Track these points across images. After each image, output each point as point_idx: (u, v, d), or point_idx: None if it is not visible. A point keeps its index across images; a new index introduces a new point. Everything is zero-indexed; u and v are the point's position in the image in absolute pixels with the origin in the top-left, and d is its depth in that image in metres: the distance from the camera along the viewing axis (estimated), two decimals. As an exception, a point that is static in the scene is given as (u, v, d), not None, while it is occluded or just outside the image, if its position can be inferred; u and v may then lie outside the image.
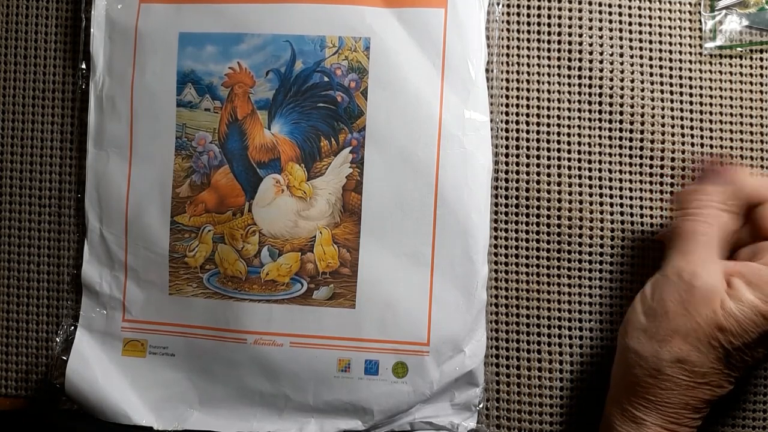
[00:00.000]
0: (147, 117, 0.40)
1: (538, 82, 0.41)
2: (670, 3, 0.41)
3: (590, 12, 0.41)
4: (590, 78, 0.41)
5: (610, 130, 0.41)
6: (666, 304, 0.34)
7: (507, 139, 0.41)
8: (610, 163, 0.41)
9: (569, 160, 0.41)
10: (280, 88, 0.39)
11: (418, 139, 0.39)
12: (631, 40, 0.41)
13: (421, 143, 0.39)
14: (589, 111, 0.41)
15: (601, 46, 0.41)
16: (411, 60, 0.39)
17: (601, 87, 0.41)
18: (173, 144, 0.40)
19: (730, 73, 0.41)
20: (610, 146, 0.41)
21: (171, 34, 0.40)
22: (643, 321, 0.35)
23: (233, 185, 0.40)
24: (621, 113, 0.41)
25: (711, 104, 0.41)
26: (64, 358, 0.40)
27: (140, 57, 0.40)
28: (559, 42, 0.41)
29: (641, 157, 0.41)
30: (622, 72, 0.41)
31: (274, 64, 0.39)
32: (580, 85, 0.41)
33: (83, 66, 0.41)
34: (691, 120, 0.41)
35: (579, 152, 0.41)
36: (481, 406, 0.40)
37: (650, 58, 0.41)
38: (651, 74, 0.41)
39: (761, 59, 0.41)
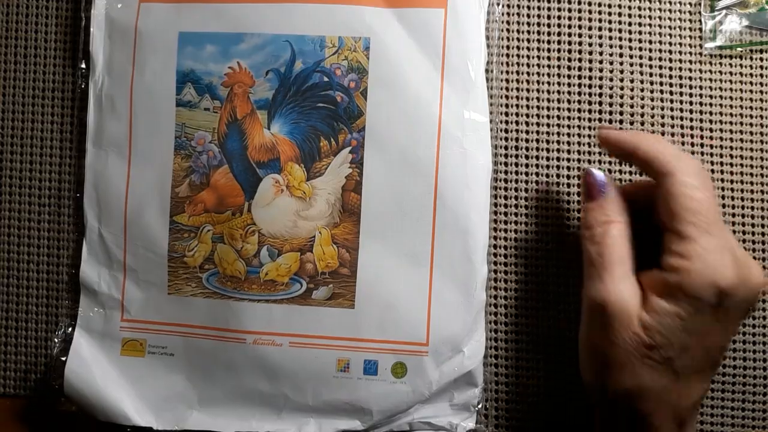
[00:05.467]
0: (146, 116, 0.40)
1: (538, 82, 0.41)
2: (670, 3, 0.41)
3: (590, 12, 0.41)
4: (590, 78, 0.41)
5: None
6: (593, 338, 0.33)
7: (507, 139, 0.41)
8: (610, 163, 0.41)
9: (569, 160, 0.41)
10: (279, 88, 0.39)
11: (418, 140, 0.39)
12: (631, 40, 0.41)
13: (421, 143, 0.39)
14: (589, 111, 0.41)
15: (601, 46, 0.41)
16: (411, 60, 0.39)
17: (601, 87, 0.41)
18: (172, 143, 0.40)
19: (730, 73, 0.41)
20: (610, 146, 0.41)
21: (171, 33, 0.40)
22: (584, 356, 0.34)
23: (233, 185, 0.40)
24: (621, 113, 0.41)
25: (711, 104, 0.41)
26: (63, 358, 0.40)
27: (140, 56, 0.40)
28: (559, 42, 0.41)
29: (641, 157, 0.41)
30: (621, 72, 0.41)
31: (274, 63, 0.39)
32: (580, 85, 0.41)
33: (83, 65, 0.41)
34: (691, 120, 0.41)
35: (579, 152, 0.41)
36: (480, 406, 0.40)
37: (650, 58, 0.41)
38: (651, 74, 0.41)
39: (761, 59, 0.41)
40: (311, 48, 0.39)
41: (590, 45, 0.41)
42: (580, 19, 0.41)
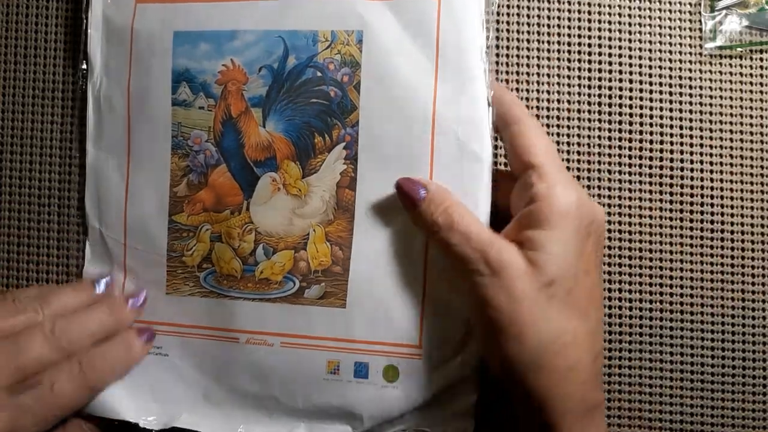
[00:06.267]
0: (143, 117, 0.40)
1: (538, 82, 0.41)
2: (670, 3, 0.41)
3: (590, 12, 0.41)
4: (590, 78, 0.41)
5: (610, 130, 0.41)
6: (493, 308, 0.33)
7: (505, 138, 0.41)
8: (610, 163, 0.41)
9: (569, 161, 0.41)
10: (273, 84, 0.39)
11: (412, 134, 0.38)
12: (631, 40, 0.41)
13: (415, 137, 0.38)
14: (589, 111, 0.41)
15: (600, 46, 0.41)
16: (404, 52, 0.38)
17: (600, 87, 0.41)
18: (170, 143, 0.40)
19: (730, 73, 0.41)
20: (610, 146, 0.41)
21: (166, 33, 0.40)
22: (493, 335, 0.34)
23: (231, 184, 0.39)
24: (620, 113, 0.41)
25: (711, 104, 0.41)
26: None
27: (136, 57, 0.40)
28: (559, 42, 0.41)
29: (641, 157, 0.40)
30: (621, 72, 0.41)
31: (267, 60, 0.39)
32: (579, 85, 0.41)
33: (84, 66, 0.41)
34: (691, 120, 0.41)
35: (579, 152, 0.41)
36: (476, 413, 0.38)
37: (650, 59, 0.41)
38: (651, 74, 0.41)
39: (761, 59, 0.41)
40: (304, 43, 0.39)
41: (590, 45, 0.41)
42: (579, 19, 0.41)
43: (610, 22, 0.41)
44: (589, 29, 0.41)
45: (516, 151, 0.35)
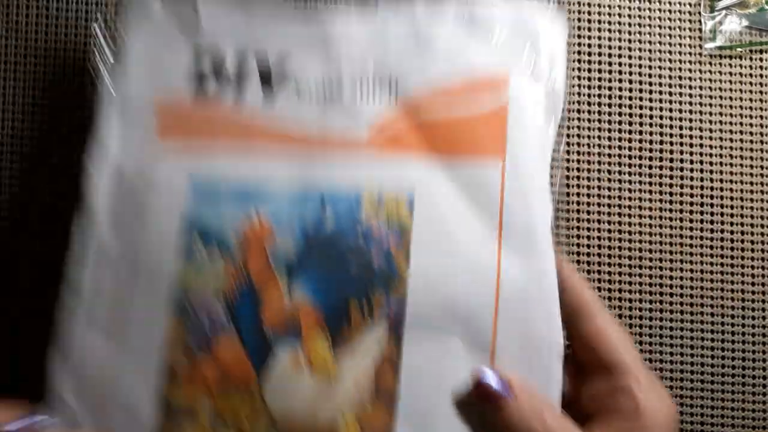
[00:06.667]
0: (140, 270, 0.33)
1: (538, 82, 0.41)
2: (670, 3, 0.41)
3: (590, 12, 0.41)
4: (590, 78, 0.41)
5: (610, 130, 0.41)
6: None
7: (506, 139, 0.41)
8: (610, 163, 0.41)
9: (569, 160, 0.41)
10: (306, 247, 0.33)
11: (471, 312, 0.32)
12: (630, 40, 0.41)
13: (474, 316, 0.32)
14: (589, 111, 0.41)
15: (600, 46, 0.41)
16: (462, 218, 0.33)
17: (600, 87, 0.41)
18: (169, 304, 0.33)
19: (730, 73, 0.41)
20: (610, 146, 0.41)
21: (183, 183, 0.34)
22: None
23: (241, 358, 0.32)
24: (621, 113, 0.41)
25: (711, 104, 0.41)
26: None
27: (143, 205, 0.34)
28: (559, 42, 0.41)
29: (641, 157, 0.41)
30: (621, 72, 0.41)
31: (301, 219, 0.33)
32: (579, 86, 0.41)
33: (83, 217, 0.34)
34: (691, 120, 0.41)
35: (579, 152, 0.41)
36: None
37: (650, 59, 0.41)
38: (651, 74, 0.41)
39: (761, 59, 0.41)
40: (346, 204, 0.33)
41: (589, 45, 0.41)
42: (579, 19, 0.41)
43: (610, 22, 0.41)
44: (589, 29, 0.41)
45: (594, 345, 0.32)
